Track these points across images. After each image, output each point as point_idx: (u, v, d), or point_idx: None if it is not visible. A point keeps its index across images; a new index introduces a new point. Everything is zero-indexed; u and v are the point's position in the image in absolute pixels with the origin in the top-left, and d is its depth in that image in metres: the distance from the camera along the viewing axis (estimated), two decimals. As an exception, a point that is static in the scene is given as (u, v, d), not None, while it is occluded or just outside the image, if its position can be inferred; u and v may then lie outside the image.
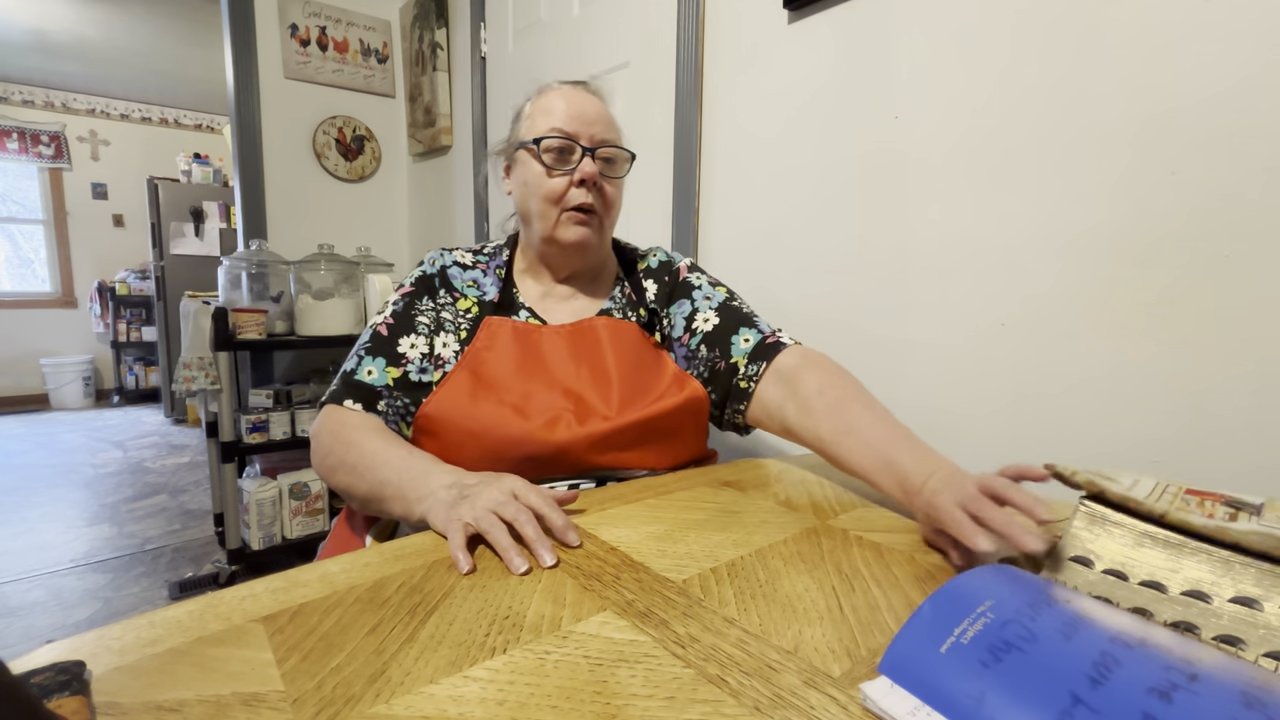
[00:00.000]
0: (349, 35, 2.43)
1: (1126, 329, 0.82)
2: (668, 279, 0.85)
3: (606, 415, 0.69)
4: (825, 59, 1.15)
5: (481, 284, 0.80)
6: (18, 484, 2.86)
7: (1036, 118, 0.89)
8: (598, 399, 0.71)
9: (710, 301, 0.80)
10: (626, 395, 0.71)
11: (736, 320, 0.77)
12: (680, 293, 0.83)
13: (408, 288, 0.78)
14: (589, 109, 0.74)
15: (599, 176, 0.74)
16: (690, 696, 0.32)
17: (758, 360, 0.73)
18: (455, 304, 0.77)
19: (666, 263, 0.86)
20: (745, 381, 0.74)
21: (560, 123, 0.73)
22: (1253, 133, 0.71)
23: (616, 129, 0.78)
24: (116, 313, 4.63)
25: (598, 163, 0.74)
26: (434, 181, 2.50)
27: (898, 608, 0.41)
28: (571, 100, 0.74)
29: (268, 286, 2.04)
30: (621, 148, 0.77)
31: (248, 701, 0.30)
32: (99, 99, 4.72)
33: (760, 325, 0.77)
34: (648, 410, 0.71)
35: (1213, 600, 0.36)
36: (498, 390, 0.70)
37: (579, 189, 0.73)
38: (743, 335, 0.76)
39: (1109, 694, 0.27)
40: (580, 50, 1.76)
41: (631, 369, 0.74)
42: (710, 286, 0.82)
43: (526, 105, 0.79)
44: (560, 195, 0.74)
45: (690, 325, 0.80)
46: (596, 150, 0.73)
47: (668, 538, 0.52)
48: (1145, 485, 0.44)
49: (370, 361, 0.72)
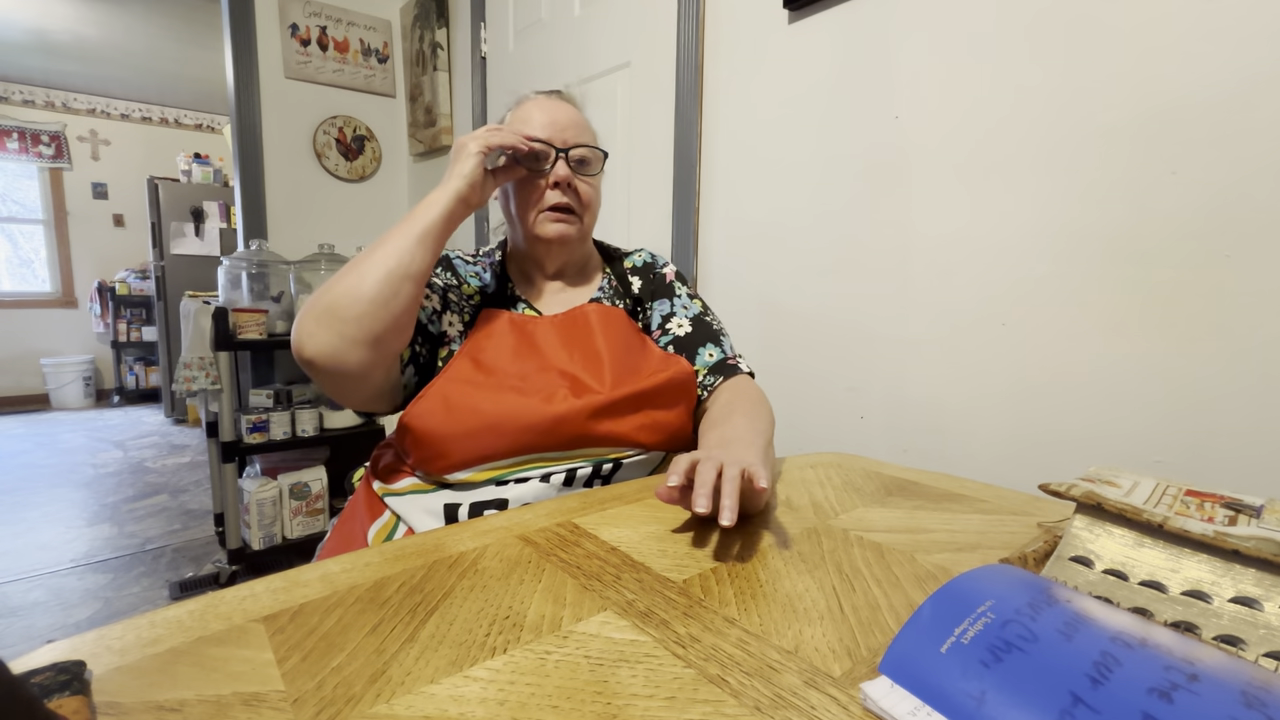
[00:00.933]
0: (349, 35, 2.43)
1: (1126, 328, 0.82)
2: (653, 277, 0.90)
3: (599, 391, 0.73)
4: (825, 59, 1.15)
5: (482, 277, 0.85)
6: (18, 484, 2.86)
7: (1036, 117, 0.89)
8: (591, 378, 0.74)
9: (687, 311, 0.87)
10: (618, 374, 0.75)
11: (705, 335, 0.85)
12: (663, 293, 0.89)
13: None
14: (562, 116, 0.80)
15: (573, 177, 0.79)
16: (691, 696, 0.32)
17: (715, 374, 0.81)
18: (460, 287, 0.82)
19: (651, 263, 0.92)
20: (701, 390, 0.81)
21: (535, 130, 0.78)
22: (1254, 132, 0.71)
23: (590, 132, 0.84)
24: (117, 313, 4.63)
25: (572, 164, 0.79)
26: (434, 182, 2.48)
27: (898, 607, 0.41)
28: (546, 109, 0.80)
29: (268, 286, 2.04)
30: (593, 146, 0.82)
31: (248, 701, 0.30)
32: (99, 99, 4.72)
33: (725, 346, 0.85)
34: (639, 385, 0.74)
35: (1213, 600, 0.36)
36: (496, 375, 0.72)
37: (554, 190, 0.78)
38: (708, 350, 0.83)
39: (1109, 694, 0.27)
40: (581, 50, 1.76)
41: (621, 351, 0.78)
42: (689, 298, 0.89)
43: (507, 116, 0.85)
44: (537, 197, 0.79)
45: (665, 325, 0.86)
46: (569, 151, 0.78)
47: (668, 538, 0.52)
48: (1145, 487, 0.44)
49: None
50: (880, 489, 0.68)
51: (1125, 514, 0.40)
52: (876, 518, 0.59)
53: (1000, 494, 0.67)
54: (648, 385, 0.74)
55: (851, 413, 1.13)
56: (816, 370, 1.17)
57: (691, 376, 0.79)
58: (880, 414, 1.10)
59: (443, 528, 0.55)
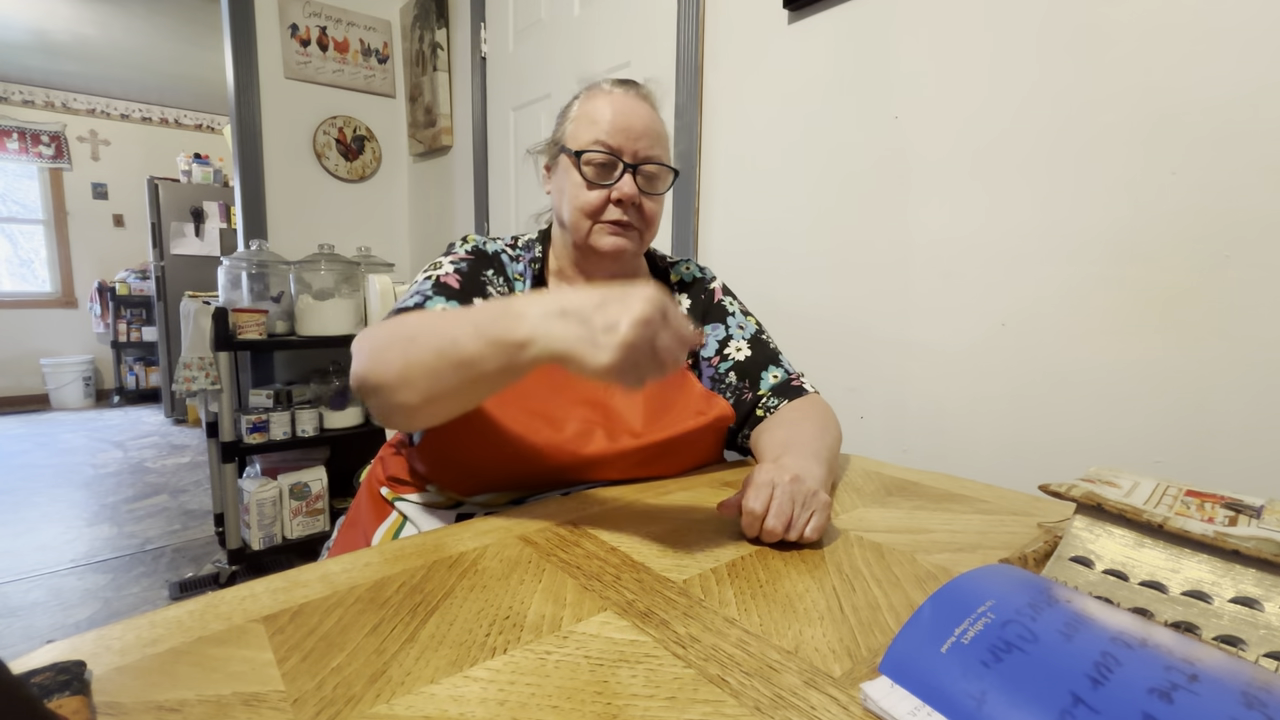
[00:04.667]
0: (349, 35, 2.43)
1: (1127, 329, 0.82)
2: (703, 297, 0.84)
3: (635, 431, 0.68)
4: (825, 59, 1.15)
5: (524, 279, 0.78)
6: (18, 484, 2.86)
7: (1037, 118, 0.89)
8: (625, 410, 0.69)
9: (744, 332, 0.82)
10: (653, 410, 0.70)
11: (767, 357, 0.81)
12: (715, 315, 0.83)
13: (464, 255, 0.74)
14: (636, 121, 0.71)
15: (639, 196, 0.71)
16: (691, 696, 0.32)
17: (780, 396, 0.77)
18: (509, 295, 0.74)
19: (700, 279, 0.86)
20: (763, 411, 0.77)
21: (604, 135, 0.70)
22: (1254, 134, 0.71)
23: (664, 142, 0.75)
24: (117, 313, 4.63)
25: (639, 179, 0.71)
26: (435, 182, 2.50)
27: (898, 607, 0.41)
28: (619, 109, 0.71)
29: (268, 286, 2.04)
30: (665, 164, 0.74)
31: (248, 701, 0.30)
32: (99, 99, 4.72)
33: (786, 365, 0.81)
34: (676, 429, 0.70)
35: (1213, 600, 0.36)
36: (525, 396, 0.67)
37: (616, 206, 0.71)
38: (771, 372, 0.80)
39: (1110, 694, 0.27)
40: (580, 50, 1.76)
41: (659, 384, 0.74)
42: (742, 315, 0.84)
43: (574, 105, 0.75)
44: (597, 210, 0.72)
45: (722, 350, 0.81)
46: (639, 167, 0.71)
47: (668, 538, 0.52)
48: (1145, 488, 0.44)
49: (442, 301, 0.67)
50: (880, 489, 0.68)
51: (1125, 514, 0.40)
52: (876, 518, 0.59)
53: (1000, 494, 0.67)
54: (686, 430, 0.70)
55: (852, 413, 1.13)
56: (817, 370, 1.17)
57: (730, 419, 0.75)
58: (880, 414, 1.10)
59: (443, 528, 0.55)
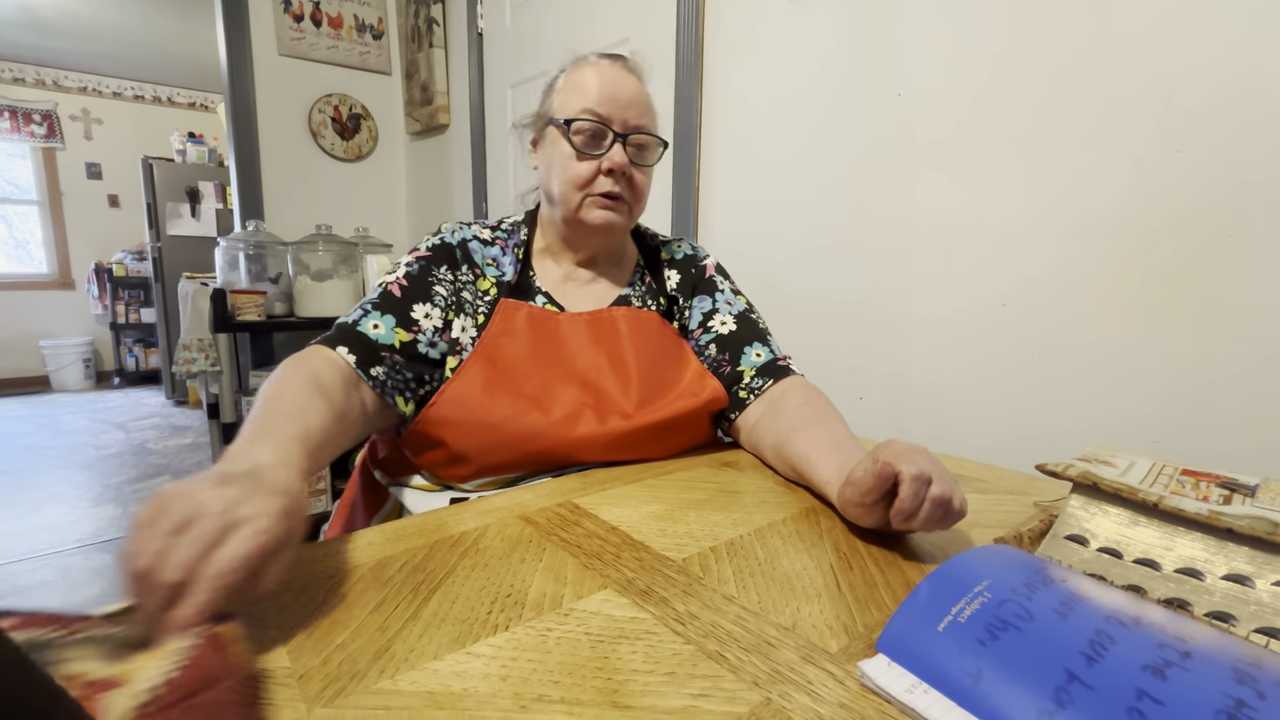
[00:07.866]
0: (343, 10, 2.39)
1: (1127, 309, 0.82)
2: (694, 271, 0.83)
3: (626, 413, 0.68)
4: (827, 35, 1.13)
5: (500, 263, 0.76)
6: (22, 465, 2.87)
7: (1040, 96, 0.88)
8: (617, 392, 0.69)
9: (731, 307, 0.80)
10: (646, 390, 0.70)
11: (752, 334, 0.78)
12: (704, 289, 0.82)
13: (423, 252, 0.73)
14: (624, 90, 0.70)
15: (629, 166, 0.71)
16: (690, 672, 0.32)
17: (764, 376, 0.74)
18: (476, 283, 0.73)
19: (692, 255, 0.85)
20: (745, 393, 0.74)
21: (593, 104, 0.69)
22: (1259, 111, 0.70)
23: (652, 113, 0.74)
24: (114, 294, 4.61)
25: (629, 150, 0.71)
26: (432, 160, 2.47)
27: (895, 586, 0.42)
28: (607, 78, 0.70)
29: (266, 268, 2.03)
30: (655, 135, 0.73)
31: (255, 677, 0.31)
32: (90, 76, 4.64)
33: (773, 346, 0.78)
34: (668, 410, 0.69)
35: (1205, 577, 0.36)
36: (514, 379, 0.67)
37: (606, 177, 0.71)
38: (755, 349, 0.76)
39: (1104, 671, 0.27)
40: (578, 25, 1.73)
41: (652, 361, 0.73)
42: (732, 294, 0.82)
43: (560, 77, 0.75)
44: (586, 181, 0.71)
45: (706, 323, 0.79)
46: (629, 137, 0.70)
47: (668, 517, 0.52)
48: (1141, 467, 0.44)
49: (378, 316, 0.66)
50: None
51: (1121, 493, 0.41)
52: (875, 497, 0.59)
53: (998, 474, 0.67)
54: (677, 411, 0.69)
55: (851, 393, 1.13)
56: (816, 350, 1.17)
57: (723, 400, 0.74)
58: (879, 394, 1.10)
59: (444, 508, 0.56)
